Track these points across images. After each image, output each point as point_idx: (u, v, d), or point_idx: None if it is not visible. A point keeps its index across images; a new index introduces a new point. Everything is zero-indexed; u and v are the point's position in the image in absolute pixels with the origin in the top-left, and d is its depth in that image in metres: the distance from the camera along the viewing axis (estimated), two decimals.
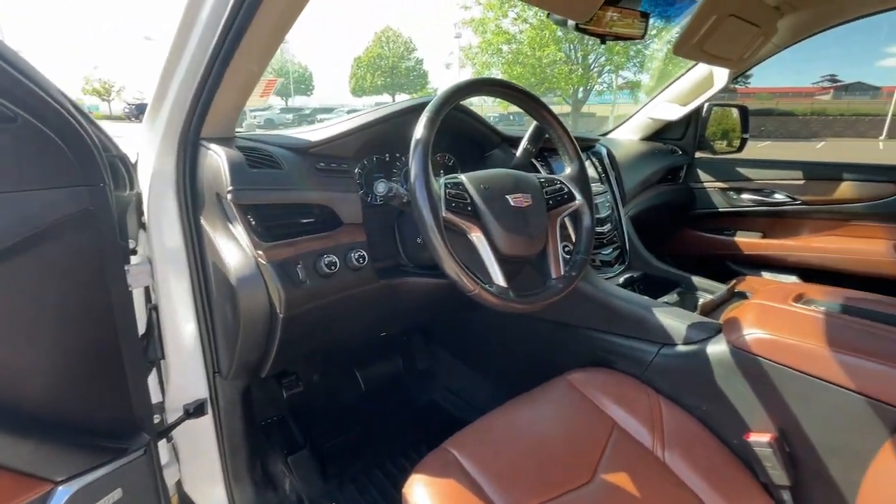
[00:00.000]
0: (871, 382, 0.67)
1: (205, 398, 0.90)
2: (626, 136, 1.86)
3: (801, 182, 1.59)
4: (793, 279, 1.64)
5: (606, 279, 1.22)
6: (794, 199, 1.61)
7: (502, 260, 0.74)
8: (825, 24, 1.35)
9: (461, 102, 0.84)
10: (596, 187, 1.33)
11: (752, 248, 1.71)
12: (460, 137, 1.10)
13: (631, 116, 1.86)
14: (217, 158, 0.76)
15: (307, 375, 1.38)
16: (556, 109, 0.86)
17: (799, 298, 0.88)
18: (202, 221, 0.80)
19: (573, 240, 1.00)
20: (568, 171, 0.91)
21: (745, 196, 1.71)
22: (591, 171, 1.38)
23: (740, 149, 1.82)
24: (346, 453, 1.33)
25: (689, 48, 1.18)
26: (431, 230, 0.67)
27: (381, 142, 0.95)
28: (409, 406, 1.56)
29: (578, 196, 0.88)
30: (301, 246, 0.79)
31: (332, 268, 0.79)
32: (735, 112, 1.84)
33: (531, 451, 0.79)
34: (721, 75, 1.52)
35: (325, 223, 0.84)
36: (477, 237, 0.73)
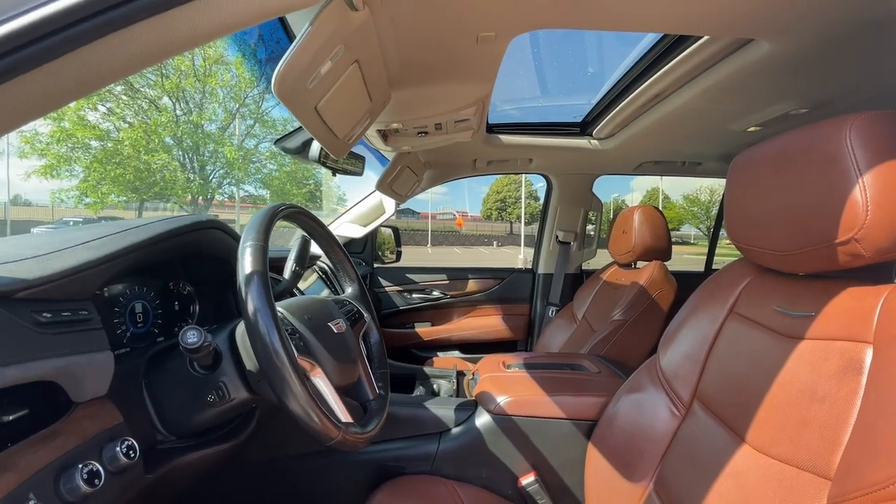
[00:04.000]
0: (569, 409, 1.04)
1: None
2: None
3: (448, 282, 2.22)
4: (456, 353, 2.20)
5: None
6: (446, 294, 2.21)
7: (337, 393, 0.68)
8: (446, 179, 2.04)
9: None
10: None
11: (427, 335, 2.18)
12: (199, 259, 0.91)
13: None
14: None
15: None
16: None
17: (504, 365, 1.24)
18: None
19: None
20: (349, 290, 0.94)
21: (415, 295, 2.19)
22: (324, 287, 1.42)
23: (398, 259, 2.33)
24: None
25: (384, 186, 1.52)
26: (289, 373, 0.54)
27: (126, 271, 0.66)
28: None
29: (366, 314, 0.93)
30: (22, 464, 0.43)
31: (97, 482, 0.47)
32: (390, 231, 2.36)
33: None
34: (390, 204, 1.97)
35: (37, 413, 0.50)
36: (318, 378, 0.65)
